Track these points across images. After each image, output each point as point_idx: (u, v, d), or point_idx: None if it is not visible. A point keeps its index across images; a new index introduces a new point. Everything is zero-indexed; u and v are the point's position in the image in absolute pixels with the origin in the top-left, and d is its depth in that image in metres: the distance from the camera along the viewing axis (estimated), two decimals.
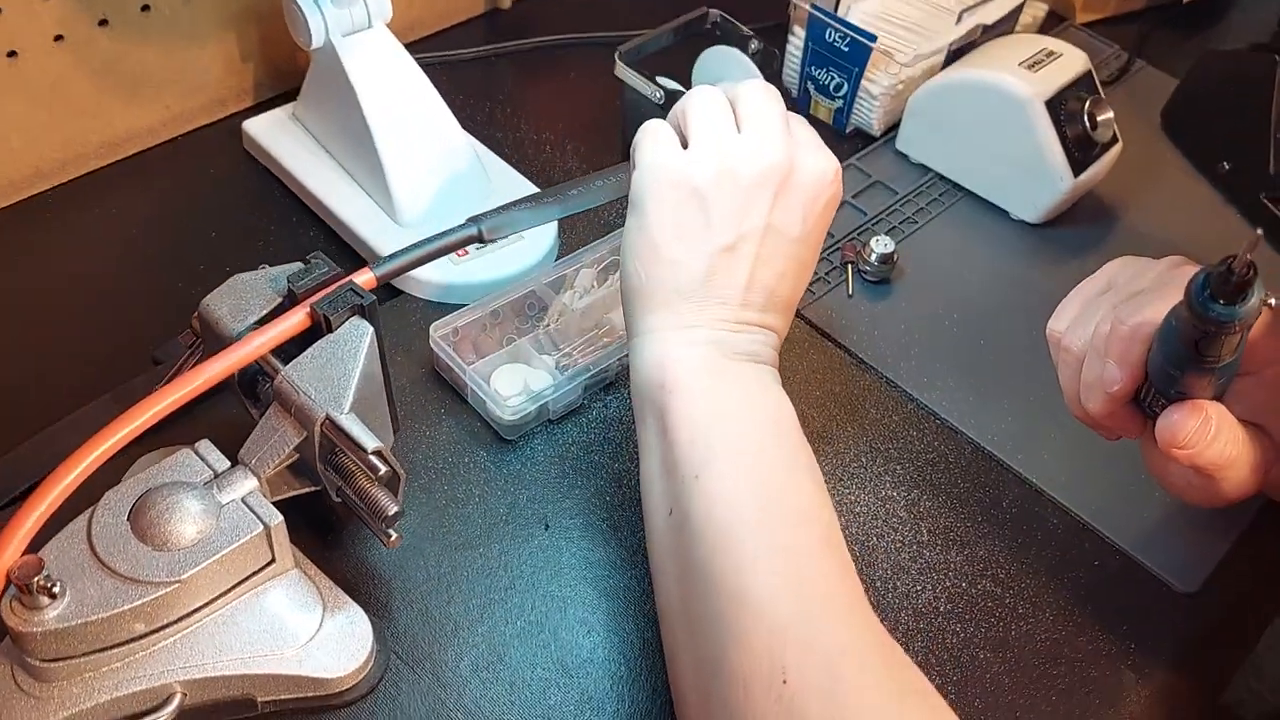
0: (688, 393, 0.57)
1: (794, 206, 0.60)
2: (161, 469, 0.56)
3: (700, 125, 0.62)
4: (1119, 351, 0.53)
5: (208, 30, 0.84)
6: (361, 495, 0.56)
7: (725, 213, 0.59)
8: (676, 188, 0.60)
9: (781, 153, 0.60)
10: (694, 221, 0.59)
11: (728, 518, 0.52)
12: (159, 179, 0.85)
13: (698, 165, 0.60)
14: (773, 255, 0.60)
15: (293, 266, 0.60)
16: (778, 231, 0.60)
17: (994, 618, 0.64)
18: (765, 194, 0.60)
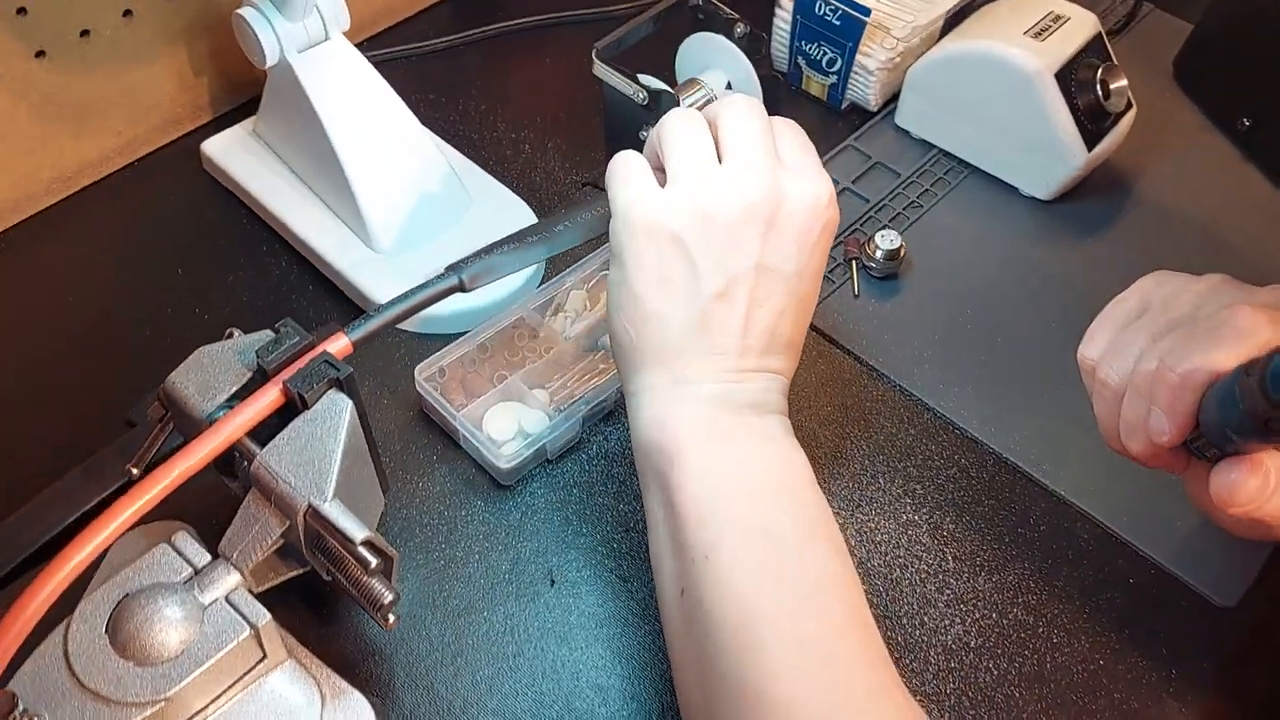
0: (690, 462, 0.53)
1: (786, 242, 0.56)
2: (138, 570, 0.53)
3: (677, 158, 0.57)
4: (1168, 401, 0.49)
5: (153, 48, 0.78)
6: (354, 583, 0.53)
7: (711, 258, 0.54)
8: (654, 236, 0.55)
9: (765, 186, 0.55)
10: (678, 271, 0.55)
11: (744, 608, 0.49)
12: (117, 211, 0.80)
13: (673, 209, 0.55)
14: (769, 295, 0.55)
15: (261, 336, 0.56)
16: (771, 270, 0.55)
17: (1028, 650, 0.61)
18: (752, 233, 0.55)
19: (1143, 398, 0.51)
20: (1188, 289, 0.54)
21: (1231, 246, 0.79)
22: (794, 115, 0.86)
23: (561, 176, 0.84)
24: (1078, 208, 0.82)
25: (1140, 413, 0.51)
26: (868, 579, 0.63)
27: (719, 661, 0.48)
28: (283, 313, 0.73)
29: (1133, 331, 0.53)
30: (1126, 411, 0.52)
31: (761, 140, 0.57)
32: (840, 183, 0.82)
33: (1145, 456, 0.53)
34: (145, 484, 0.51)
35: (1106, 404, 0.54)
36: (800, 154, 0.58)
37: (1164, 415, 0.49)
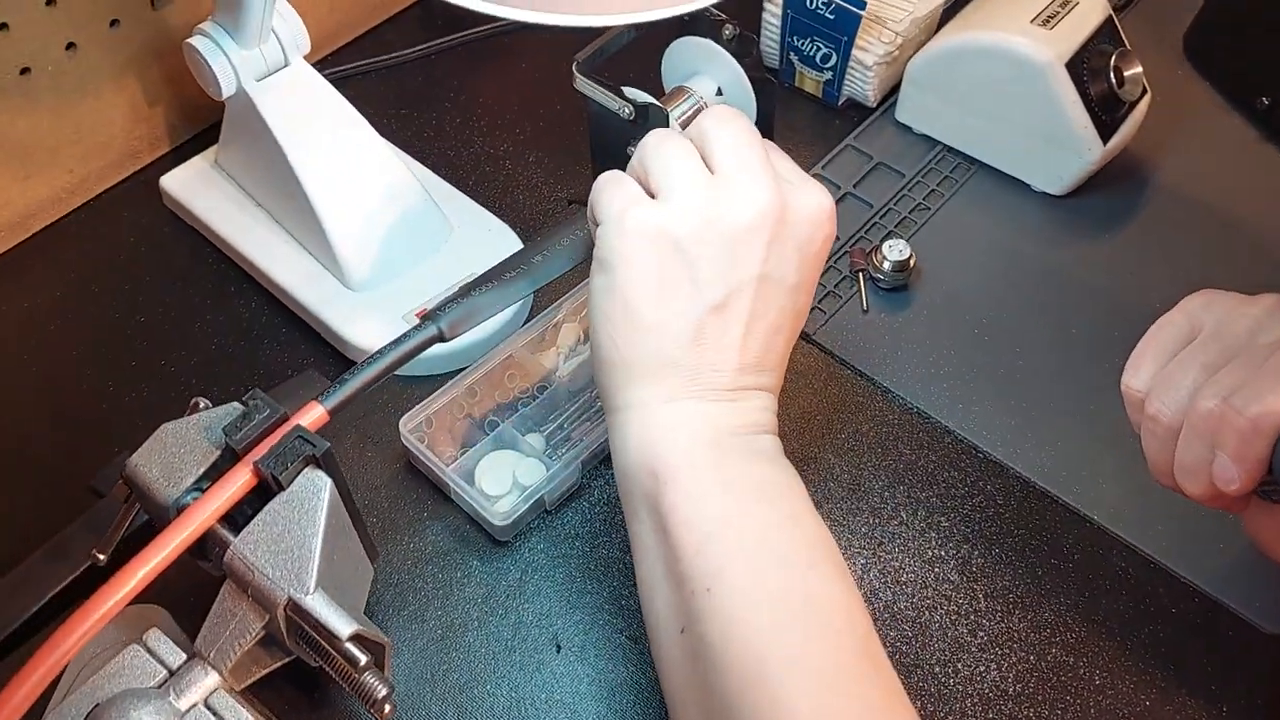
0: (686, 487, 0.49)
1: (789, 253, 0.52)
2: (108, 675, 0.48)
3: (667, 174, 0.53)
4: (1236, 448, 0.45)
5: (101, 80, 0.73)
6: (344, 677, 0.49)
7: (714, 268, 0.51)
8: (654, 241, 0.51)
9: (772, 194, 0.52)
10: (677, 280, 0.51)
11: (755, 644, 0.45)
12: (73, 254, 0.75)
13: (677, 215, 0.51)
14: (767, 309, 0.52)
15: (229, 410, 0.51)
16: (772, 282, 0.52)
17: (1069, 694, 0.57)
18: (758, 242, 0.51)
19: (1202, 439, 0.47)
20: (1242, 312, 0.49)
21: (1258, 234, 0.75)
22: (788, 114, 0.83)
23: (545, 193, 0.79)
24: (1093, 202, 0.77)
25: (1200, 455, 0.47)
26: (895, 624, 0.59)
27: (730, 702, 0.45)
28: (254, 359, 0.69)
29: (1184, 361, 0.49)
30: (1184, 453, 0.48)
31: (757, 150, 0.53)
32: (841, 187, 0.78)
33: (1204, 499, 0.49)
34: (111, 585, 0.47)
35: (1158, 441, 0.49)
36: (793, 167, 0.55)
37: (1232, 463, 0.45)
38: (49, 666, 0.46)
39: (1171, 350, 0.50)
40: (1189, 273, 0.73)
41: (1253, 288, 0.71)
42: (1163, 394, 0.49)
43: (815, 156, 0.80)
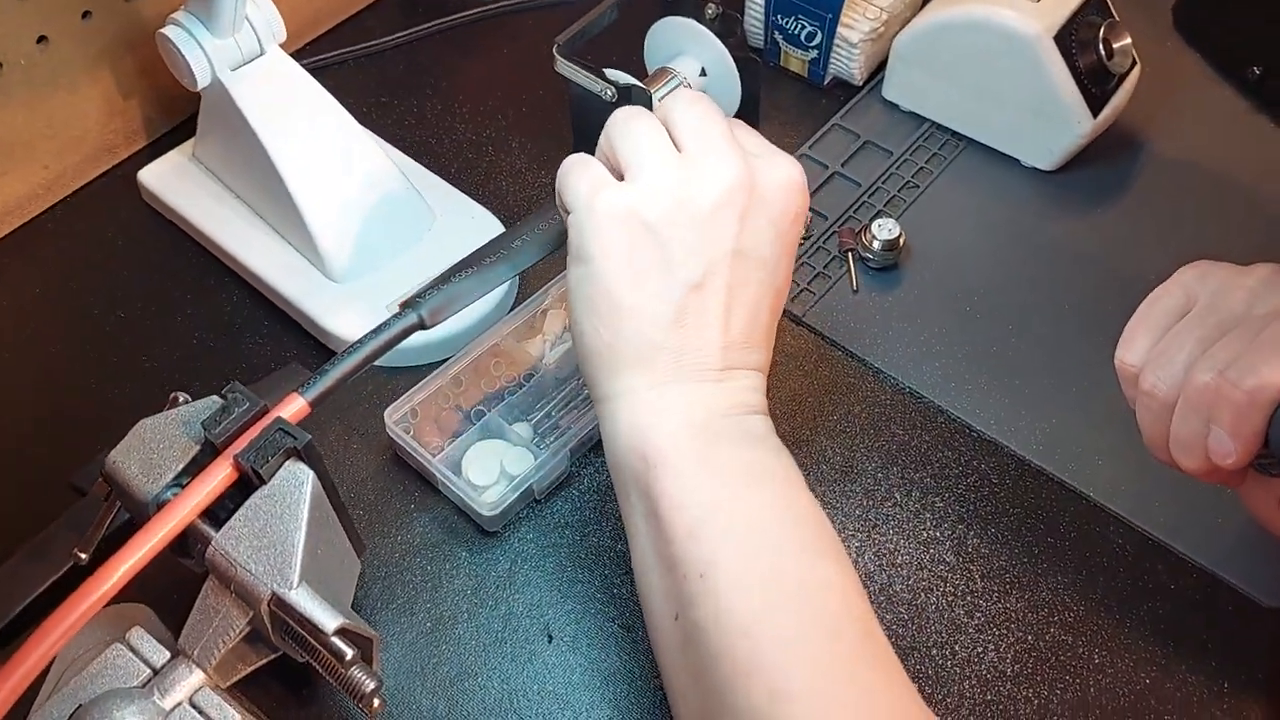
0: (676, 470, 0.48)
1: (762, 226, 0.52)
2: (91, 676, 0.48)
3: (635, 153, 0.52)
4: (1232, 421, 0.44)
5: (74, 73, 0.72)
6: (331, 672, 0.48)
7: (687, 246, 0.50)
8: (625, 224, 0.51)
9: (739, 168, 0.51)
10: (652, 262, 0.50)
11: (749, 630, 0.45)
12: (50, 252, 0.74)
13: (646, 197, 0.51)
14: (745, 284, 0.51)
15: (208, 404, 0.50)
16: (748, 257, 0.51)
17: (1069, 673, 0.56)
18: (729, 217, 0.51)
19: (1198, 413, 0.46)
20: (1237, 284, 0.48)
21: (1251, 204, 0.74)
22: (774, 94, 0.82)
23: (529, 179, 0.78)
24: (1084, 176, 0.76)
25: (1196, 429, 0.46)
26: (891, 606, 0.58)
27: (725, 688, 0.44)
28: (236, 353, 0.68)
29: (1179, 334, 0.48)
30: (1179, 427, 0.47)
31: (722, 127, 0.53)
32: (829, 166, 0.77)
33: (1201, 473, 0.48)
34: (90, 584, 0.46)
35: (1153, 415, 0.49)
36: (760, 141, 0.55)
37: (1228, 436, 0.45)
38: (29, 667, 0.45)
39: (1165, 324, 0.49)
40: (1182, 245, 0.72)
41: (1246, 259, 0.70)
42: (1157, 368, 0.48)
43: (802, 136, 0.79)
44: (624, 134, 0.53)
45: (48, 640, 0.45)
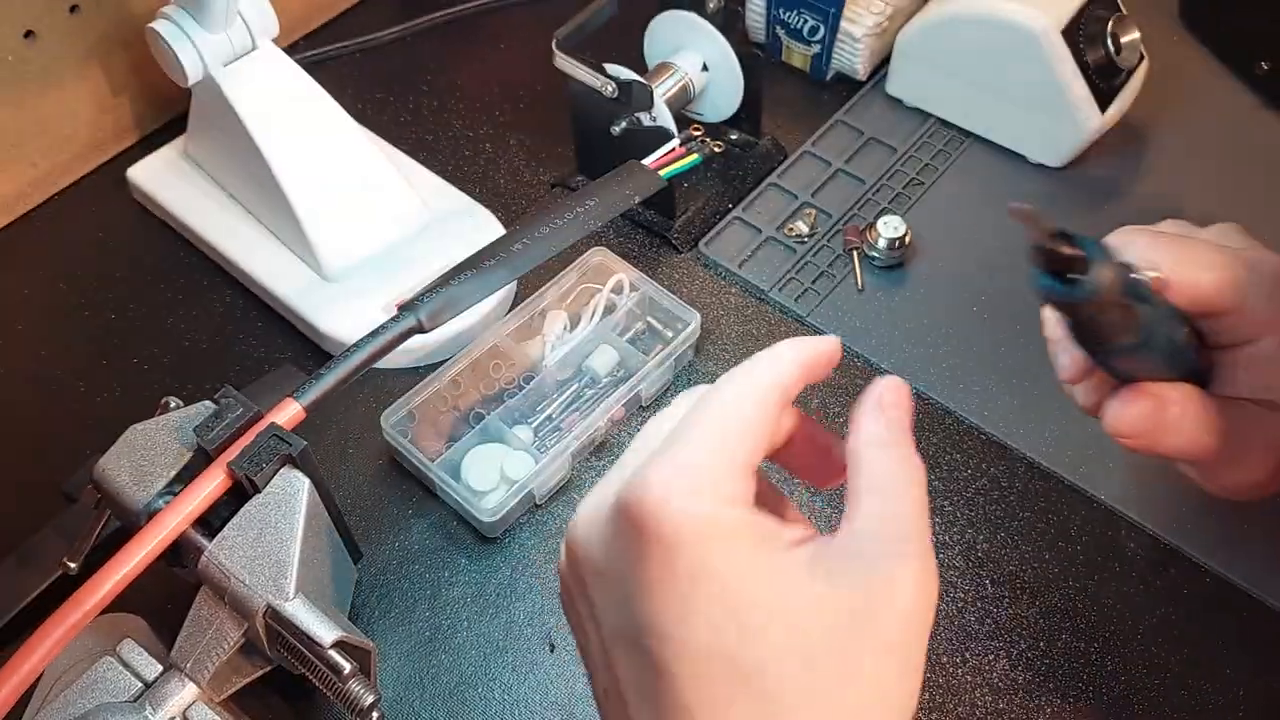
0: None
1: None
2: (81, 690, 0.46)
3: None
4: (1049, 331, 0.46)
5: (64, 69, 0.70)
6: (328, 686, 0.47)
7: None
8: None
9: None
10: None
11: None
12: (39, 251, 0.72)
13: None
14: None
15: (200, 410, 0.49)
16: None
17: (1082, 683, 0.55)
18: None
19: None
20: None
21: (1260, 201, 0.73)
22: (775, 90, 0.80)
23: (527, 176, 0.76)
24: (1091, 173, 0.75)
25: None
26: None
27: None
28: (229, 355, 0.67)
29: None
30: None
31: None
32: (832, 163, 0.76)
33: (1087, 407, 0.47)
34: (80, 595, 0.45)
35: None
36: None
37: (1054, 350, 0.46)
38: (18, 681, 0.43)
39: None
40: None
41: None
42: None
43: (804, 133, 0.78)
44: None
45: (36, 653, 0.44)
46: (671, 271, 0.71)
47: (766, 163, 0.75)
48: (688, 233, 0.72)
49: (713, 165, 0.75)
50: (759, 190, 0.74)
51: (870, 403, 0.38)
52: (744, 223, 0.73)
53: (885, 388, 0.38)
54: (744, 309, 0.69)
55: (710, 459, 0.35)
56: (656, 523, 0.34)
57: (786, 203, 0.74)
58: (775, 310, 0.69)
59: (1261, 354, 0.44)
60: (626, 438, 0.63)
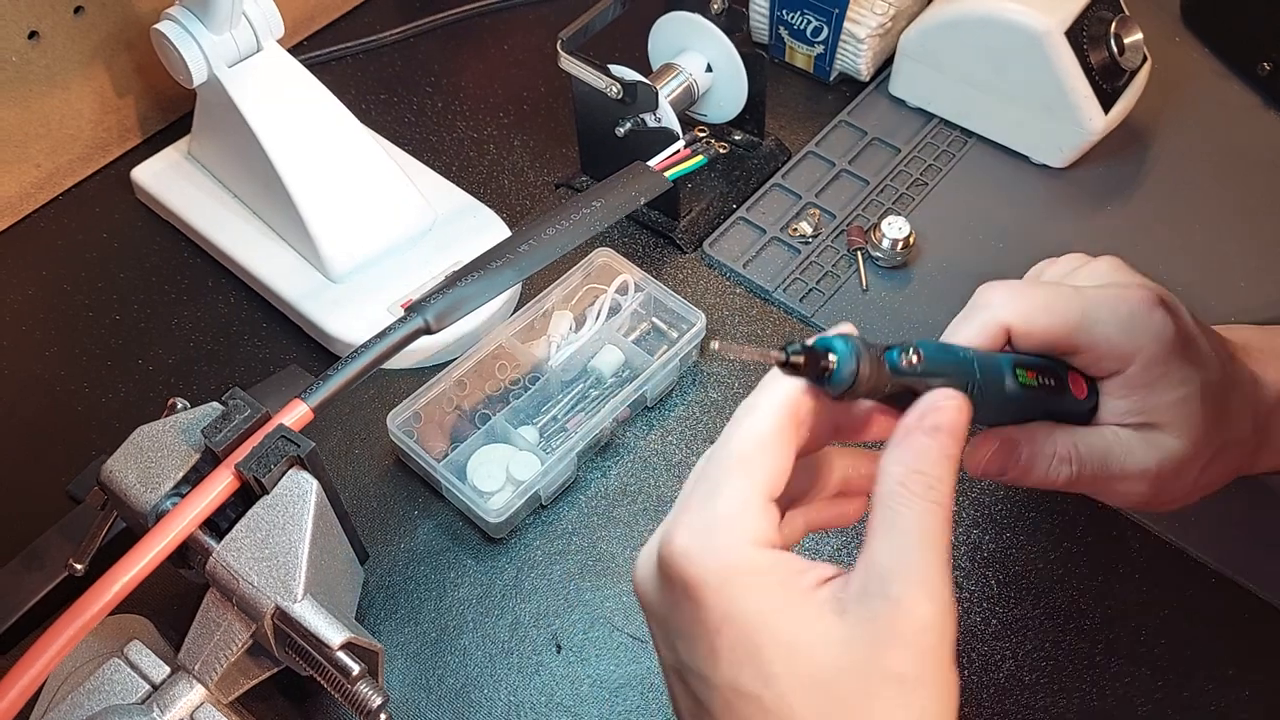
0: None
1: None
2: (88, 692, 0.47)
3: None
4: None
5: (68, 70, 0.70)
6: (336, 687, 0.47)
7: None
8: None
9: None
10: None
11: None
12: (43, 252, 0.72)
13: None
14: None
15: (208, 411, 0.49)
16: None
17: (1086, 682, 0.55)
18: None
19: None
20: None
21: (1263, 202, 0.73)
22: (779, 90, 0.80)
23: (531, 177, 0.76)
24: (1094, 174, 0.75)
25: None
26: None
27: None
28: (234, 356, 0.67)
29: None
30: None
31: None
32: (835, 164, 0.76)
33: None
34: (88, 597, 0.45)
35: None
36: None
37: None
38: (26, 683, 0.43)
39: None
40: (1194, 244, 0.71)
41: (1258, 255, 0.70)
42: None
43: (807, 133, 0.78)
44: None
45: (44, 656, 0.44)
46: (676, 272, 0.71)
47: (770, 163, 0.75)
48: (692, 233, 0.72)
49: (716, 166, 0.75)
50: (763, 191, 0.74)
51: (902, 428, 0.38)
52: (748, 223, 0.73)
53: (927, 407, 0.38)
54: (749, 309, 0.69)
55: (727, 504, 0.37)
56: (683, 575, 0.36)
57: (790, 203, 0.74)
58: (780, 310, 0.69)
59: (1129, 381, 0.47)
60: (632, 438, 0.63)
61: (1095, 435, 0.48)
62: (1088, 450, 0.48)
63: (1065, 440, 0.48)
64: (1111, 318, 0.46)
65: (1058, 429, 0.48)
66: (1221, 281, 0.69)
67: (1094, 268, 0.52)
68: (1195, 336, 0.48)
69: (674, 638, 0.38)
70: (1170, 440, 0.47)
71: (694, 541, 0.37)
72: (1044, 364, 0.46)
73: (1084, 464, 0.48)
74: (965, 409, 0.39)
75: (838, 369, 0.38)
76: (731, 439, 0.39)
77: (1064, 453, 0.48)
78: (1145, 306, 0.46)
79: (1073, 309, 0.46)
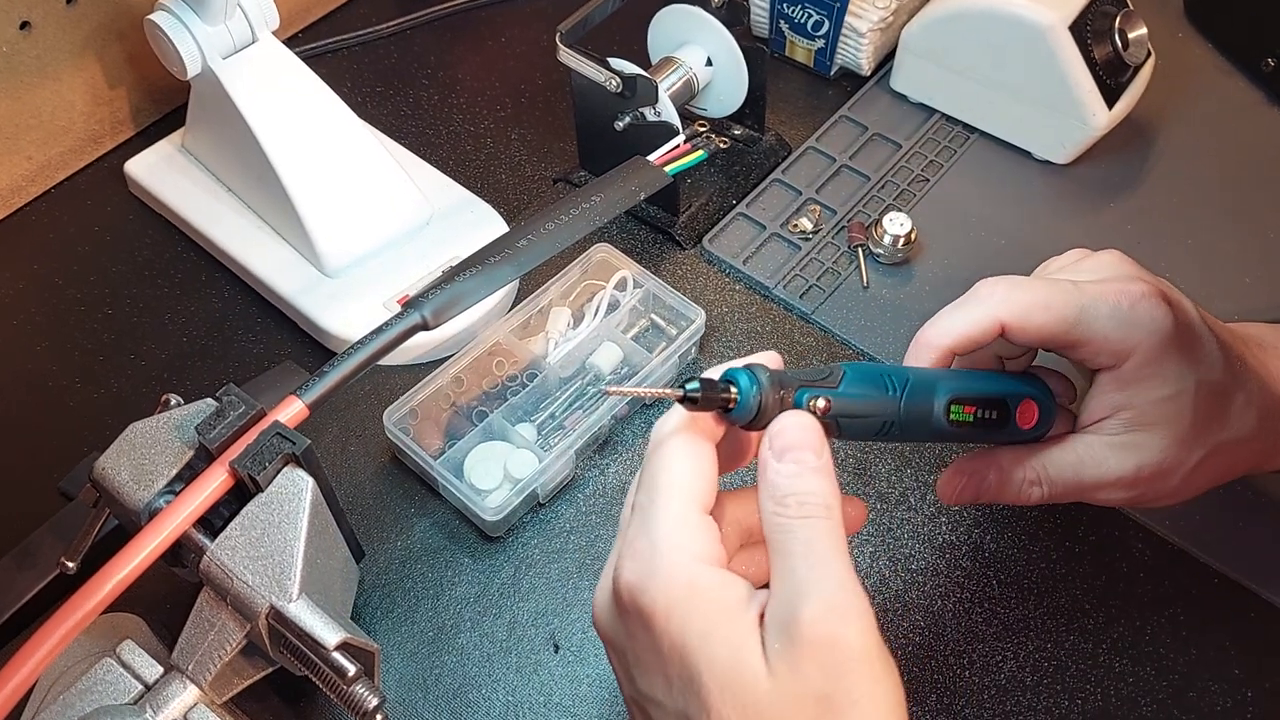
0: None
1: None
2: (80, 692, 0.46)
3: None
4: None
5: (60, 61, 0.69)
6: (332, 688, 0.46)
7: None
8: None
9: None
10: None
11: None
12: (34, 245, 0.71)
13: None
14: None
15: (202, 407, 0.48)
16: None
17: (1089, 683, 0.55)
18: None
19: None
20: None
21: (1266, 196, 0.73)
22: (779, 85, 0.80)
23: (529, 171, 0.76)
24: (1097, 171, 0.74)
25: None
26: (906, 614, 0.56)
27: None
28: (229, 352, 0.66)
29: None
30: None
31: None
32: (836, 159, 0.75)
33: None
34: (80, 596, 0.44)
35: None
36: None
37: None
38: (18, 683, 0.43)
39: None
40: (1197, 241, 0.71)
41: (1261, 251, 0.70)
42: None
43: (808, 129, 0.77)
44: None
45: (35, 655, 0.43)
46: (675, 268, 0.70)
47: (770, 158, 0.75)
48: (691, 229, 0.71)
49: (716, 161, 0.74)
50: (763, 186, 0.74)
51: (760, 462, 0.40)
52: (748, 219, 0.72)
53: (772, 435, 0.40)
54: (748, 306, 0.68)
55: (663, 525, 0.38)
56: (635, 605, 0.38)
57: (790, 199, 0.73)
58: (779, 307, 0.68)
59: (1122, 376, 0.47)
60: (630, 435, 0.63)
61: (1063, 452, 0.49)
62: (1056, 470, 0.49)
63: (1034, 464, 0.49)
64: (1110, 313, 0.46)
65: (1026, 452, 0.49)
66: (1225, 279, 0.69)
67: (1097, 260, 0.52)
68: (1197, 332, 0.47)
69: (632, 668, 0.39)
70: (1153, 440, 0.47)
71: (641, 568, 0.38)
72: (990, 398, 0.47)
73: (1054, 484, 0.49)
74: (809, 426, 0.40)
75: (740, 405, 0.39)
76: (652, 460, 0.40)
77: (1032, 476, 0.49)
78: (1146, 302, 0.46)
79: (1071, 305, 0.46)
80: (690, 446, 0.40)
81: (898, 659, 0.38)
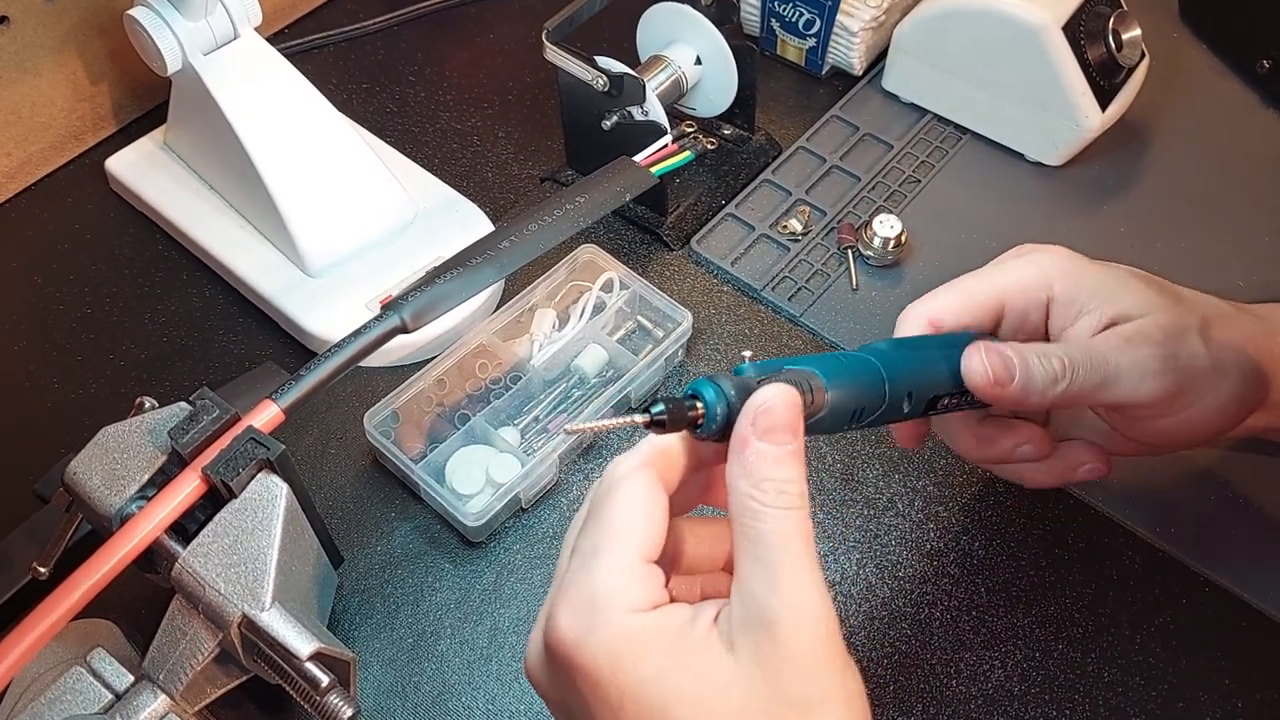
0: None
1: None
2: (49, 701, 0.45)
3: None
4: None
5: (40, 56, 0.68)
6: (305, 698, 0.45)
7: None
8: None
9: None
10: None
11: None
12: (13, 243, 0.70)
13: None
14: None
15: (175, 411, 0.47)
16: None
17: (1078, 693, 0.54)
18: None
19: None
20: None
21: (1260, 199, 0.72)
22: (769, 84, 0.79)
23: (515, 170, 0.75)
24: (1090, 173, 0.74)
25: None
26: (893, 622, 0.56)
27: None
28: (209, 352, 0.65)
29: None
30: None
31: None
32: (826, 159, 0.74)
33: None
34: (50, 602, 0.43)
35: None
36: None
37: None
38: None
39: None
40: (1190, 244, 0.70)
41: (1256, 254, 0.69)
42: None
43: (799, 129, 0.76)
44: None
45: (4, 662, 0.42)
46: (662, 269, 0.69)
47: (760, 158, 0.74)
48: (679, 230, 0.70)
49: (705, 160, 0.73)
50: (752, 186, 0.73)
51: (737, 437, 0.38)
52: (736, 220, 0.71)
53: (756, 410, 0.37)
54: (736, 308, 0.68)
55: (604, 576, 0.36)
56: (571, 660, 0.36)
57: (780, 199, 0.72)
58: (768, 309, 0.68)
59: (1075, 333, 0.49)
60: (614, 441, 0.62)
61: (1080, 343, 0.49)
62: (1080, 352, 0.48)
63: (1054, 348, 0.48)
64: (1080, 276, 0.51)
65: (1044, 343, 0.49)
66: (1219, 280, 0.68)
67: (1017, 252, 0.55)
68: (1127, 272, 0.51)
69: (577, 717, 0.38)
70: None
71: (578, 621, 0.36)
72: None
73: (1076, 369, 0.47)
74: (795, 403, 0.38)
75: (707, 418, 0.38)
76: (600, 506, 0.38)
77: (1055, 355, 0.47)
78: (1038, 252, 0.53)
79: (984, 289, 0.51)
80: (646, 493, 0.38)
81: (884, 667, 0.37)
